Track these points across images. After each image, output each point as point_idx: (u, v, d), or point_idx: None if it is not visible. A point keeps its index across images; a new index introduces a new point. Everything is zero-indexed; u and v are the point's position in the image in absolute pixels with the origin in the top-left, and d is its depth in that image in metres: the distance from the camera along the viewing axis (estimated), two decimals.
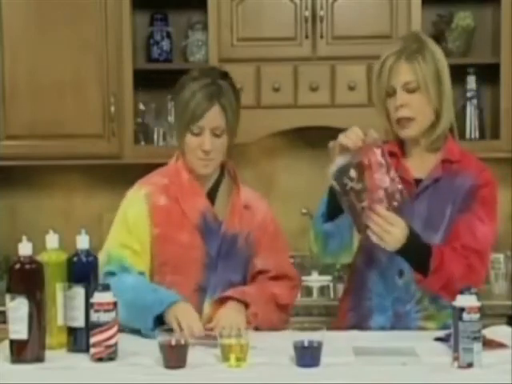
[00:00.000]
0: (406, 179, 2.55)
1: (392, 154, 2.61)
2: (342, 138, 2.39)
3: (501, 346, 2.26)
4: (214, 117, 2.57)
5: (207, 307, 2.58)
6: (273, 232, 2.72)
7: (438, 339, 2.34)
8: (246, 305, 2.52)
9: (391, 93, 2.54)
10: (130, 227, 2.60)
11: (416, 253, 2.41)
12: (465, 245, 2.47)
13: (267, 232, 2.70)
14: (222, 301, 2.53)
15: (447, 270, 2.41)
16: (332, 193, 2.45)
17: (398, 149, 2.62)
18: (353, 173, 2.35)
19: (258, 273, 2.67)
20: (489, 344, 2.21)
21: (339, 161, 2.39)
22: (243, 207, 2.68)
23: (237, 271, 2.65)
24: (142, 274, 2.58)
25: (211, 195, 2.65)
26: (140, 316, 2.43)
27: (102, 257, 2.47)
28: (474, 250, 2.48)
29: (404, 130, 2.55)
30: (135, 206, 2.62)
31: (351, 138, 2.38)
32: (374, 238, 2.36)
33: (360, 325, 2.59)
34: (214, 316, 2.48)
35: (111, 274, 2.52)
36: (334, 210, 2.47)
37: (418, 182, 2.58)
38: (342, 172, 2.37)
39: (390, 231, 2.34)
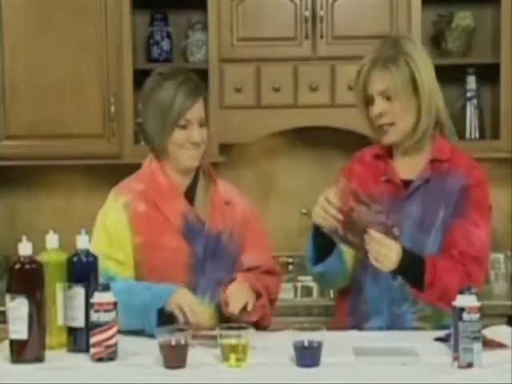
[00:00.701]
0: (394, 182, 2.56)
1: (379, 157, 2.62)
2: (318, 219, 2.42)
3: (501, 346, 2.26)
4: (198, 109, 2.59)
5: None
6: (255, 228, 2.71)
7: (438, 339, 2.34)
8: (257, 294, 2.54)
9: (370, 101, 2.55)
10: (111, 238, 2.58)
11: (410, 269, 2.42)
12: (463, 252, 2.47)
13: (249, 227, 2.69)
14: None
15: (441, 283, 2.42)
16: (315, 238, 2.51)
17: (386, 151, 2.62)
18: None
19: (246, 270, 2.66)
20: (489, 344, 2.21)
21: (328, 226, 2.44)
22: (224, 203, 2.67)
23: (225, 270, 2.62)
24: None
25: (189, 196, 2.64)
26: (141, 315, 2.42)
27: None
28: (472, 257, 2.47)
29: (385, 136, 2.57)
30: (114, 215, 2.60)
31: (325, 215, 2.39)
32: (371, 260, 2.38)
33: (358, 328, 2.59)
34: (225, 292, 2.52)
35: None
36: (321, 253, 2.53)
37: (408, 182, 2.58)
38: (334, 230, 2.42)
39: (385, 255, 2.36)
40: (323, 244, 2.49)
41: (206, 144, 2.63)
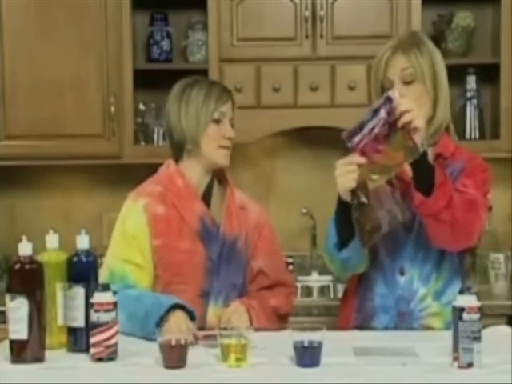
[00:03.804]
0: (405, 180, 2.55)
1: None
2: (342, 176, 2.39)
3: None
4: (230, 108, 2.66)
5: (211, 312, 2.58)
6: (268, 235, 2.74)
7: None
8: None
9: (388, 86, 2.53)
10: (129, 240, 2.58)
11: (424, 162, 2.35)
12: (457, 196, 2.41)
13: (262, 234, 2.72)
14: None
15: (449, 190, 2.35)
16: (338, 222, 2.47)
17: None
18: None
19: (256, 274, 2.69)
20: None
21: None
22: (239, 208, 2.69)
23: (239, 274, 2.65)
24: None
25: (205, 199, 2.65)
26: (142, 323, 2.41)
27: (103, 272, 2.45)
28: (466, 200, 2.41)
29: None
30: (134, 218, 2.60)
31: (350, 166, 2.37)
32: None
33: (364, 325, 2.59)
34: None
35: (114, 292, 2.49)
36: (345, 237, 2.48)
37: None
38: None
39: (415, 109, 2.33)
40: (346, 228, 2.45)
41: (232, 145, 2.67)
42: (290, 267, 4.01)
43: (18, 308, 2.14)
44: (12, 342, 2.16)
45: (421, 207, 2.37)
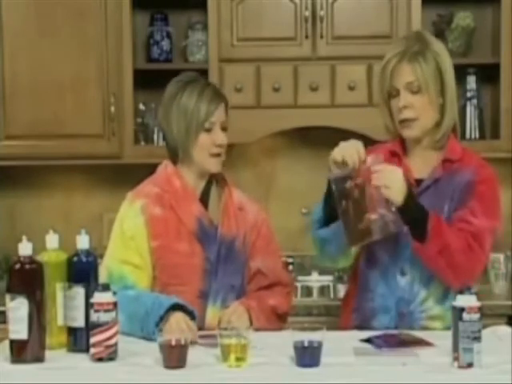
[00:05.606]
0: (408, 180, 2.56)
1: (394, 154, 2.62)
2: (339, 154, 2.43)
3: (427, 344, 2.30)
4: (221, 112, 2.62)
5: (210, 313, 2.58)
6: (266, 234, 2.74)
7: (364, 341, 2.34)
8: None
9: (394, 94, 2.55)
10: (128, 241, 2.58)
11: (415, 211, 2.41)
12: (461, 229, 2.46)
13: (260, 234, 2.71)
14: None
15: (444, 236, 2.40)
16: (328, 199, 2.46)
17: (400, 148, 2.62)
18: (351, 185, 2.40)
19: (254, 274, 2.69)
20: (415, 343, 2.28)
21: (338, 172, 2.42)
22: (237, 209, 2.69)
23: (237, 274, 2.65)
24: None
25: (203, 200, 2.65)
26: (141, 322, 2.42)
27: (101, 273, 2.45)
28: (470, 233, 2.46)
29: (407, 130, 2.55)
30: (132, 219, 2.60)
31: (351, 156, 2.41)
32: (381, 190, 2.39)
33: (364, 325, 2.59)
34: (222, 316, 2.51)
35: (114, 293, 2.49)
36: (329, 215, 2.48)
37: (419, 181, 2.58)
38: (342, 180, 2.40)
39: (389, 186, 2.38)
40: (332, 207, 2.46)
41: (225, 148, 2.65)
42: (290, 267, 4.01)
43: (18, 308, 2.14)
44: (12, 341, 2.16)
45: (417, 252, 2.45)
